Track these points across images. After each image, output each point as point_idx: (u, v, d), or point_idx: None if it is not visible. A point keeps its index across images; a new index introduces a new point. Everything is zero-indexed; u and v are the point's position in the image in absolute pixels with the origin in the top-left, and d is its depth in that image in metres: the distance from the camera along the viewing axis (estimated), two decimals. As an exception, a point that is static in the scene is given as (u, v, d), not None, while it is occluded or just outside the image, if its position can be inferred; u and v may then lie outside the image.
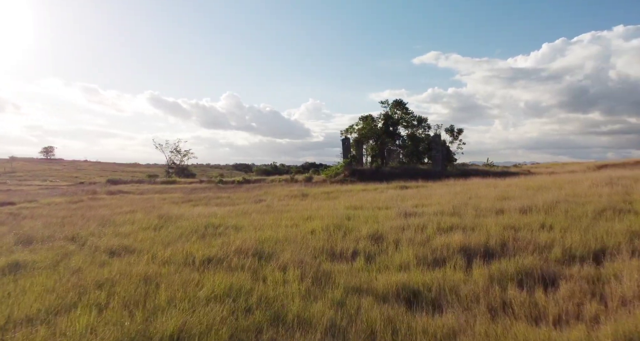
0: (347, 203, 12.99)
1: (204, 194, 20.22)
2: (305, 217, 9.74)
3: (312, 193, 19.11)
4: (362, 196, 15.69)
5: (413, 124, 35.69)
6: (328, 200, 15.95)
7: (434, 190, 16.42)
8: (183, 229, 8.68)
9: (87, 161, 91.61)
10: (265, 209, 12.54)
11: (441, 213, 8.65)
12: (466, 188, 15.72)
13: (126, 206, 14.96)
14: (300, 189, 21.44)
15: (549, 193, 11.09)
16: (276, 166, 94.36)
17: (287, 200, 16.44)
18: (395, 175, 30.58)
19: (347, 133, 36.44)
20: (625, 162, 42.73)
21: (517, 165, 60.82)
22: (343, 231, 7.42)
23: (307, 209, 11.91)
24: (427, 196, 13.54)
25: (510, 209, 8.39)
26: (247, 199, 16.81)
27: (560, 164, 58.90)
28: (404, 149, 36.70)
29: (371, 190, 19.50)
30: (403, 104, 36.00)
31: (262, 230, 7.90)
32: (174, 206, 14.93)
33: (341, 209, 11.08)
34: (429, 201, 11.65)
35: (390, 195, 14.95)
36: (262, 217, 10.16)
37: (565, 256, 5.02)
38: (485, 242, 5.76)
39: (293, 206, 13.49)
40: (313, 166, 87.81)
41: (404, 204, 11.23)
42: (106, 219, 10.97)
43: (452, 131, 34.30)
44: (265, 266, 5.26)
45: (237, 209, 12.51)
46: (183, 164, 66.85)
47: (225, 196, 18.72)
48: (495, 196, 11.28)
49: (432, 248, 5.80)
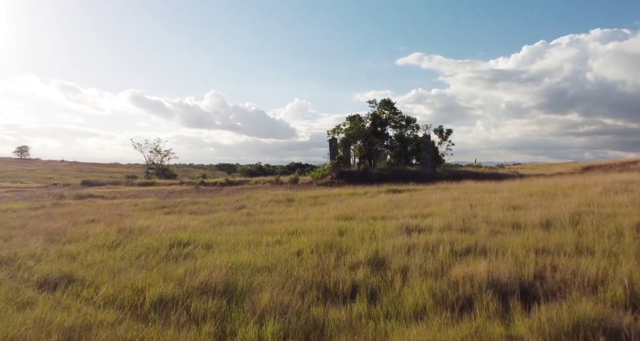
0: (337, 211, 11.72)
1: (180, 199, 18.67)
2: (290, 230, 8.43)
3: (298, 198, 17.79)
4: (352, 202, 14.45)
5: (401, 125, 34.70)
6: (316, 206, 14.65)
7: (428, 195, 15.30)
8: (144, 248, 7.25)
9: (63, 161, 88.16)
10: (245, 218, 11.16)
11: (448, 227, 7.44)
12: (463, 192, 14.65)
13: (90, 214, 13.36)
14: (285, 193, 20.08)
15: (560, 201, 10.05)
16: (261, 166, 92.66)
17: (271, 206, 15.08)
18: (384, 177, 29.51)
19: (334, 133, 35.23)
20: (610, 164, 42.77)
21: (501, 165, 60.77)
22: (336, 253, 6.14)
23: (292, 219, 10.59)
24: (423, 202, 12.38)
25: (528, 223, 7.25)
26: (226, 205, 15.38)
27: (545, 166, 59.04)
28: (392, 150, 35.70)
29: (361, 194, 18.29)
30: (391, 103, 34.98)
31: (237, 251, 6.55)
32: (143, 215, 13.40)
33: (331, 220, 9.80)
34: (428, 209, 10.47)
35: (382, 201, 13.75)
36: (241, 230, 8.80)
37: (632, 298, 3.84)
38: (518, 273, 4.56)
39: (277, 214, 12.15)
40: (299, 166, 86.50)
41: (402, 214, 10.03)
42: (58, 233, 9.42)
43: (441, 132, 33.43)
44: (236, 315, 3.92)
45: (213, 219, 11.10)
46: (163, 165, 64.58)
47: (203, 202, 17.22)
48: (501, 204, 10.18)
49: (451, 280, 4.57)
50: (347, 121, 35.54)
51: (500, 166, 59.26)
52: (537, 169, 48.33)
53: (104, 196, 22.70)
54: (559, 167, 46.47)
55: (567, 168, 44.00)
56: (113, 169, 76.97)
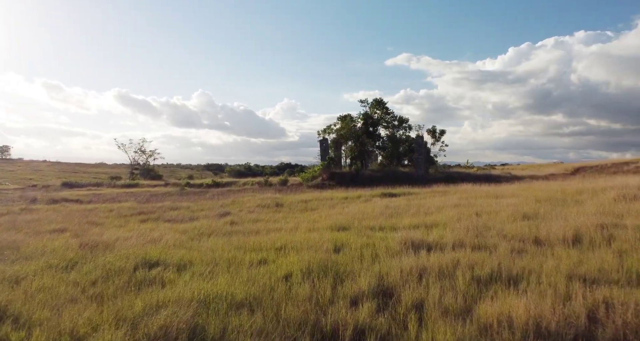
0: (330, 219, 10.70)
1: (160, 204, 17.43)
2: (278, 245, 7.37)
3: (287, 202, 16.73)
4: (346, 208, 13.45)
5: (394, 125, 33.84)
6: (306, 212, 13.61)
7: (426, 200, 14.39)
8: (104, 269, 6.12)
9: (46, 162, 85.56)
10: (228, 228, 10.06)
11: (460, 243, 6.47)
12: (464, 198, 13.78)
13: (57, 222, 12.09)
14: (273, 196, 19.00)
15: (573, 209, 9.20)
16: (250, 166, 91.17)
17: (257, 212, 13.99)
18: (376, 179, 28.62)
19: (324, 134, 34.20)
20: (601, 165, 42.66)
21: (492, 165, 60.51)
22: (332, 278, 5.11)
23: (281, 229, 9.54)
24: (423, 209, 11.44)
25: (551, 239, 6.33)
26: (209, 211, 14.24)
27: (535, 166, 58.93)
28: (383, 151, 34.82)
29: (354, 198, 17.32)
30: (383, 103, 34.08)
31: (213, 276, 5.47)
32: (117, 222, 12.19)
33: (324, 231, 8.77)
34: (430, 218, 9.51)
35: (378, 207, 12.78)
36: (221, 245, 7.71)
37: None
38: (565, 314, 3.59)
39: (264, 222, 11.08)
40: (288, 166, 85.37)
41: (402, 223, 9.05)
42: (11, 247, 8.19)
43: (434, 132, 32.65)
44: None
45: (192, 229, 9.98)
46: (149, 165, 62.78)
47: (185, 207, 16.04)
48: (510, 212, 9.28)
49: (482, 323, 3.58)
50: (338, 121, 34.55)
51: (490, 166, 59.01)
52: (528, 170, 48.04)
53: (80, 199, 21.29)
54: (550, 168, 46.25)
55: (558, 169, 43.76)
56: (97, 170, 74.72)
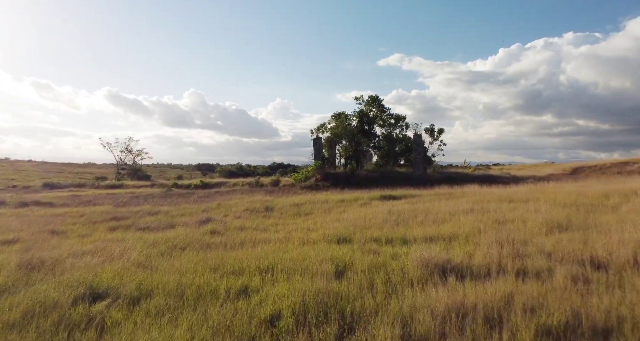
0: (326, 227, 9.26)
1: (138, 208, 15.82)
2: (264, 265, 5.91)
3: (278, 206, 15.25)
4: (344, 213, 12.02)
5: (390, 123, 32.46)
6: (300, 218, 12.16)
7: (431, 203, 13.02)
8: (33, 302, 4.62)
9: (31, 161, 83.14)
10: (207, 239, 8.56)
11: (498, 266, 5.06)
12: (474, 201, 12.43)
13: (11, 231, 10.47)
14: (263, 199, 17.50)
15: (610, 217, 7.88)
16: (242, 166, 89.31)
17: (244, 218, 12.49)
18: (373, 180, 27.25)
19: (318, 132, 32.70)
20: (600, 165, 41.83)
21: (486, 166, 59.59)
22: (336, 323, 3.67)
23: (269, 241, 8.08)
24: (432, 215, 10.04)
25: (614, 260, 4.95)
26: (191, 217, 12.70)
27: (531, 166, 58.09)
28: (379, 151, 33.45)
29: (351, 201, 15.89)
30: (379, 100, 32.69)
31: (174, 316, 3.99)
32: (82, 231, 10.60)
33: (321, 244, 7.33)
34: (445, 228, 8.11)
35: (380, 212, 11.36)
36: (194, 264, 6.22)
37: None
38: None
39: (250, 231, 9.59)
40: (281, 166, 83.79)
41: (412, 234, 7.64)
42: None
43: (432, 131, 31.33)
44: None
45: (166, 240, 8.47)
46: (136, 165, 60.97)
47: (165, 211, 14.47)
48: (541, 221, 7.91)
49: None
50: (332, 119, 33.11)
51: (485, 166, 58.10)
52: (525, 170, 47.09)
53: (53, 202, 19.56)
54: (547, 168, 45.34)
55: (556, 169, 42.84)
56: (84, 170, 72.52)
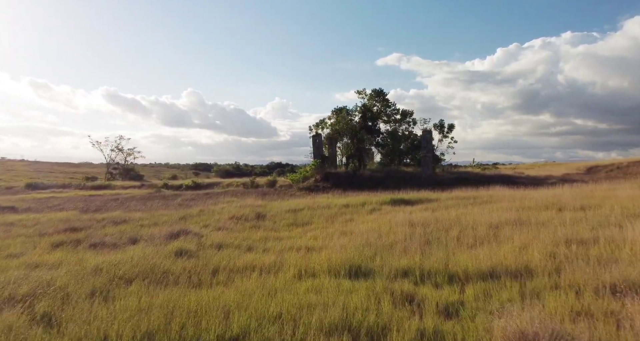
0: (332, 246, 6.89)
1: (107, 214, 13.42)
2: (241, 324, 3.55)
3: (272, 212, 12.88)
4: (351, 224, 9.65)
5: (395, 119, 30.02)
6: (296, 229, 9.80)
7: (457, 210, 10.66)
8: None
9: (23, 161, 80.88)
10: (169, 265, 6.18)
11: None
12: (510, 208, 10.07)
13: None
14: (255, 204, 15.11)
15: None
16: (239, 166, 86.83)
17: (228, 229, 10.12)
18: (377, 180, 24.90)
19: (317, 129, 30.27)
20: (616, 163, 39.53)
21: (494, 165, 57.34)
22: None
23: (254, 269, 5.73)
24: (471, 230, 7.66)
25: None
26: (163, 227, 10.31)
27: (539, 165, 55.75)
28: (383, 149, 31.03)
29: (357, 206, 13.52)
30: (383, 94, 30.24)
31: None
32: (13, 249, 8.17)
33: (326, 279, 4.98)
34: (500, 250, 5.74)
35: (398, 223, 8.98)
36: (131, 314, 3.85)
37: None
38: None
39: (230, 251, 7.21)
40: (279, 166, 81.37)
41: (459, 264, 5.30)
42: None
43: (442, 127, 28.87)
44: None
45: (113, 265, 6.09)
46: (129, 165, 58.74)
47: (136, 219, 12.07)
48: (629, 240, 5.56)
49: None
50: (333, 115, 30.68)
51: (493, 165, 55.80)
52: (535, 169, 44.77)
53: (16, 206, 17.13)
54: (560, 168, 43.00)
55: (570, 168, 40.53)
56: (77, 170, 70.30)
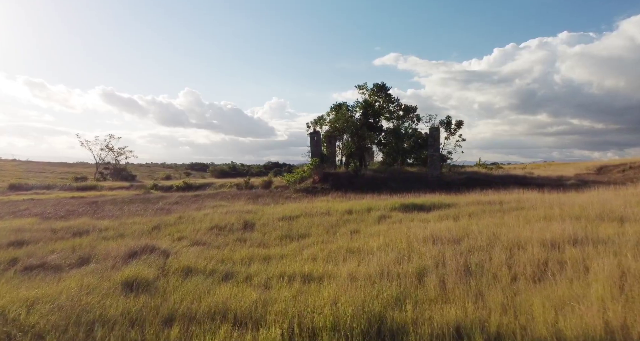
0: (335, 277, 5.03)
1: (72, 222, 11.50)
2: None
3: (262, 220, 10.99)
4: (358, 237, 7.76)
5: (399, 115, 28.12)
6: (290, 244, 7.92)
7: (485, 220, 8.79)
8: None
9: (14, 160, 78.85)
10: (107, 307, 4.31)
11: None
12: (558, 216, 8.22)
13: None
14: (245, 209, 13.20)
15: None
16: (235, 166, 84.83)
17: (205, 244, 8.21)
18: (380, 181, 23.05)
19: (316, 126, 28.37)
20: (629, 163, 37.73)
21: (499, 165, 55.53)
22: None
23: (222, 319, 3.85)
24: (519, 249, 5.81)
25: None
26: (129, 239, 8.41)
27: (546, 165, 54.00)
28: (384, 147, 29.14)
29: (363, 212, 11.63)
30: (386, 88, 28.32)
31: None
32: None
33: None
34: (592, 290, 3.87)
35: (417, 239, 7.11)
36: None
37: None
38: None
39: (198, 284, 5.31)
40: (276, 165, 79.47)
41: (532, 313, 3.45)
42: None
43: (449, 124, 26.96)
44: None
45: (35, 301, 4.22)
46: (120, 165, 56.76)
47: (102, 228, 10.16)
48: None
49: None
50: (332, 111, 28.77)
51: (495, 165, 54.00)
52: (542, 169, 42.99)
53: (-24, 212, 15.22)
54: (569, 168, 41.22)
55: (580, 168, 38.75)
56: (69, 170, 68.41)
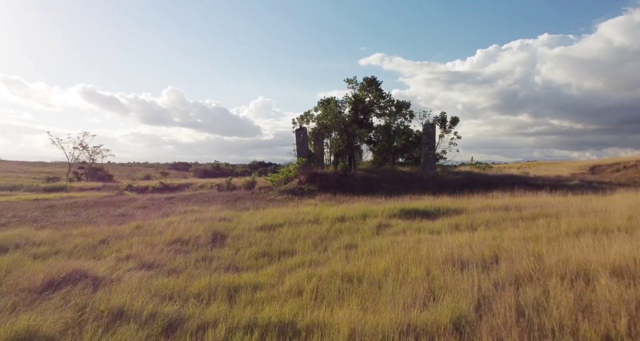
0: (333, 336, 3.32)
1: (6, 232, 9.48)
2: None
3: (238, 230, 9.15)
4: (354, 255, 6.04)
5: (391, 111, 26.51)
6: (268, 267, 6.12)
7: (507, 230, 7.18)
8: None
9: (-15, 161, 74.86)
10: None
11: None
12: (600, 227, 6.66)
13: None
14: (220, 216, 11.31)
15: None
16: (219, 165, 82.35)
17: (158, 267, 6.35)
18: (372, 182, 21.43)
19: (302, 122, 26.57)
20: (623, 162, 37.03)
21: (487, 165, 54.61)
22: None
23: None
24: (586, 283, 4.19)
25: None
26: (64, 259, 6.52)
27: (536, 164, 53.31)
28: (375, 145, 27.55)
29: (356, 220, 9.90)
30: (376, 83, 26.67)
31: None
32: None
33: None
34: None
35: (435, 261, 5.43)
36: None
37: None
38: None
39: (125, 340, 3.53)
40: (262, 165, 77.37)
41: None
42: None
43: (443, 121, 25.53)
44: None
45: None
46: (97, 163, 53.89)
47: (37, 242, 8.19)
48: None
49: None
50: (320, 107, 26.99)
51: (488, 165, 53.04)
52: (533, 168, 42.09)
53: None
54: (562, 167, 40.38)
55: (574, 168, 37.90)
56: (42, 169, 65.03)
